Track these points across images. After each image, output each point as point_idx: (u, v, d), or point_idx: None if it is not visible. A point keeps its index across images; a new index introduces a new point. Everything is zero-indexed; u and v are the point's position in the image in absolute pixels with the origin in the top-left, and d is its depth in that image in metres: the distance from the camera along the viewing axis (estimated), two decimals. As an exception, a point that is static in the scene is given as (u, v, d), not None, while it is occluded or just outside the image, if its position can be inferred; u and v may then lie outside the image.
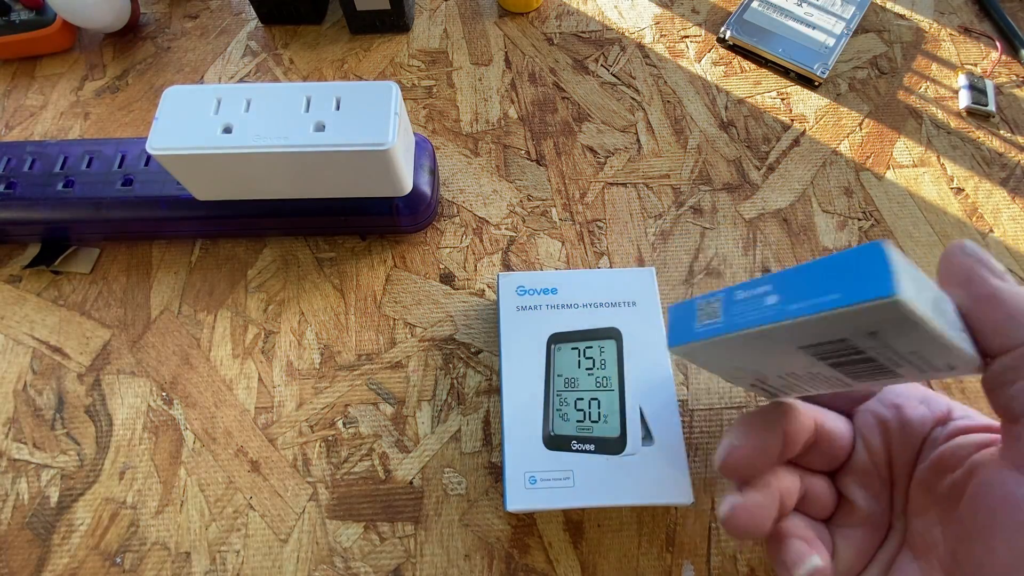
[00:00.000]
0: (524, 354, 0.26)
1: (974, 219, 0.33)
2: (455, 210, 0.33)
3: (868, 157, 0.35)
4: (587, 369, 0.25)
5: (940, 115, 0.36)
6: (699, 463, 0.27)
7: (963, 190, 0.34)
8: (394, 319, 0.31)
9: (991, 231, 0.33)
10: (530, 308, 0.26)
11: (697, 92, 0.37)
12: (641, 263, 0.32)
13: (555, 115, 0.36)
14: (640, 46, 0.39)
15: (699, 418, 0.28)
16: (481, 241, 0.33)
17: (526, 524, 0.26)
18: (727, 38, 0.38)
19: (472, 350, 0.30)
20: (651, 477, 0.23)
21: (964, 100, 0.36)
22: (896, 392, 0.22)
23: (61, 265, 0.32)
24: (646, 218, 0.33)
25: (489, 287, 0.31)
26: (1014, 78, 0.37)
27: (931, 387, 0.29)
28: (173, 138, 0.25)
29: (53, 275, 0.32)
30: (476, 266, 0.32)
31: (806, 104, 0.37)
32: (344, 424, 0.28)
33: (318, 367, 0.29)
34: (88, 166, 0.30)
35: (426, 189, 0.30)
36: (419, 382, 0.29)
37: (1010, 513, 0.15)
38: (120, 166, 0.30)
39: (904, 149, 0.35)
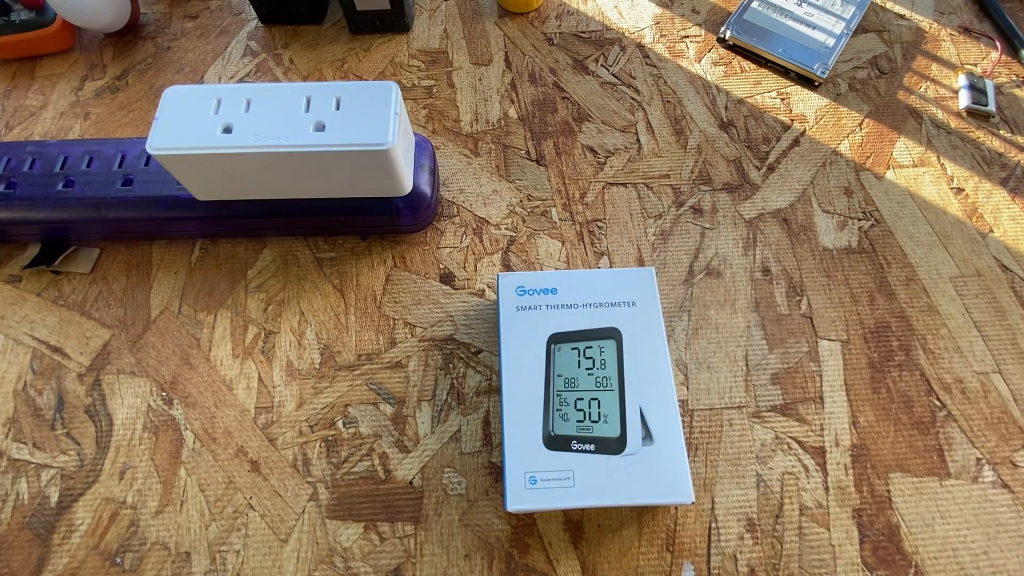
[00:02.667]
0: (524, 354, 0.26)
1: (974, 219, 0.33)
2: (455, 210, 0.33)
3: (868, 157, 0.35)
4: (587, 369, 0.25)
5: (940, 115, 0.36)
6: (699, 463, 0.27)
7: (963, 190, 0.34)
8: (394, 319, 0.31)
9: (991, 231, 0.33)
10: (530, 308, 0.26)
11: (697, 92, 0.37)
12: (641, 263, 0.32)
13: (555, 115, 0.36)
14: (640, 46, 0.39)
15: (699, 418, 0.28)
16: (481, 241, 0.33)
17: (526, 524, 0.26)
18: (727, 38, 0.38)
19: (472, 350, 0.30)
20: (651, 477, 0.23)
21: (964, 100, 0.36)
22: None
23: (61, 265, 0.32)
24: (646, 218, 0.33)
25: (489, 287, 0.31)
26: (1014, 78, 0.37)
27: (933, 388, 0.29)
28: (173, 138, 0.25)
29: (53, 275, 0.32)
30: (476, 266, 0.32)
31: (806, 104, 0.37)
32: (344, 424, 0.28)
33: (318, 367, 0.29)
34: (88, 166, 0.30)
35: (426, 189, 0.30)
36: (419, 382, 0.29)
37: None
38: (120, 166, 0.30)
39: (904, 149, 0.35)
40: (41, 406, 0.29)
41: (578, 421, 0.24)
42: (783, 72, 0.38)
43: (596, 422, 0.24)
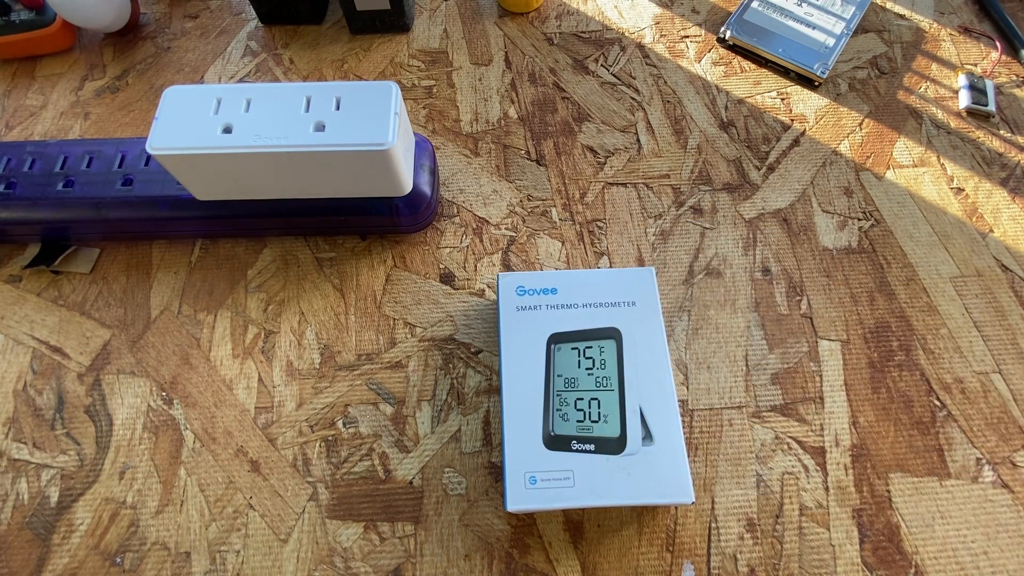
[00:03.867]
0: (524, 354, 0.26)
1: (974, 219, 0.33)
2: (455, 210, 0.33)
3: (868, 157, 0.35)
4: (587, 369, 0.25)
5: (940, 115, 0.36)
6: (699, 463, 0.27)
7: (963, 190, 0.34)
8: (394, 319, 0.31)
9: (991, 231, 0.33)
10: (530, 308, 0.26)
11: (697, 92, 0.37)
12: (641, 263, 0.32)
13: (555, 115, 0.36)
14: (640, 46, 0.39)
15: (699, 418, 0.28)
16: (481, 241, 0.33)
17: (526, 524, 0.26)
18: (727, 38, 0.38)
19: (472, 350, 0.30)
20: (651, 477, 0.23)
21: (964, 100, 0.36)
22: None
23: (61, 265, 0.32)
24: (646, 218, 0.33)
25: (489, 287, 0.31)
26: (1014, 78, 0.37)
27: (933, 388, 0.29)
28: (173, 138, 0.25)
29: (53, 275, 0.32)
30: (476, 266, 0.32)
31: (806, 104, 0.37)
32: (344, 424, 0.28)
33: (318, 367, 0.29)
34: (88, 166, 0.30)
35: (426, 189, 0.30)
36: (419, 382, 0.29)
37: None
38: (120, 166, 0.30)
39: (904, 149, 0.35)
40: (41, 406, 0.29)
41: (578, 421, 0.24)
42: (783, 72, 0.38)
43: (596, 422, 0.24)
